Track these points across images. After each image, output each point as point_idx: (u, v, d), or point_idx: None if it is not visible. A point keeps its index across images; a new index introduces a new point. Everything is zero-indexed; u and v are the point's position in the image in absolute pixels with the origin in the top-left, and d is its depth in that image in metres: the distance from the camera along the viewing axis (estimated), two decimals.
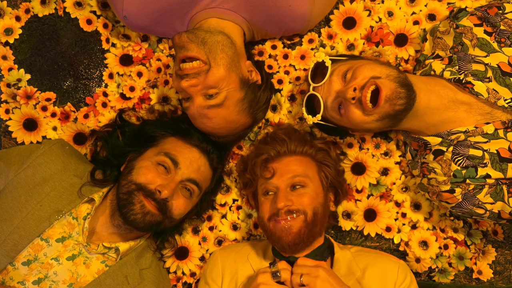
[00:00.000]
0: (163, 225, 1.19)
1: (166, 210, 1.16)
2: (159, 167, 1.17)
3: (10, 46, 1.36)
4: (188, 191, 1.19)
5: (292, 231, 1.14)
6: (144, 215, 1.14)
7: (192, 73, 1.12)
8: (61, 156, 1.23)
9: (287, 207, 1.15)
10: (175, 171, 1.17)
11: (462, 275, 1.35)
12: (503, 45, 1.13)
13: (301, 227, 1.14)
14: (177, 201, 1.17)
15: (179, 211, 1.18)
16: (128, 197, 1.14)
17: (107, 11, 1.37)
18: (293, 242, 1.14)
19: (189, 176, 1.18)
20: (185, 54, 1.12)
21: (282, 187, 1.17)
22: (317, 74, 1.21)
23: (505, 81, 1.11)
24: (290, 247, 1.15)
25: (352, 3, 1.33)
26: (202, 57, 1.12)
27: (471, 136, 1.13)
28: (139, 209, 1.13)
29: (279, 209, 1.15)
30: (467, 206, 1.16)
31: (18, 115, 1.35)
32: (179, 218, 1.20)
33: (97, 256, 1.16)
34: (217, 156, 1.26)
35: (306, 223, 1.15)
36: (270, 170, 1.20)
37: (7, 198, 1.16)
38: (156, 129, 1.26)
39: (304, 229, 1.15)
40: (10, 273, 1.11)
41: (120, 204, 1.15)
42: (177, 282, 1.36)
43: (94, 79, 1.39)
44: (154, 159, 1.18)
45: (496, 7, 1.15)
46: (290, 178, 1.18)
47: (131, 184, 1.15)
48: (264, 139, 1.30)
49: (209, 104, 1.15)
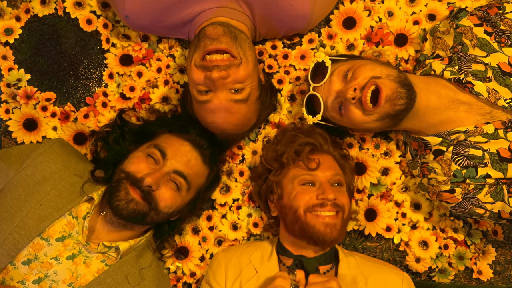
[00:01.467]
0: (150, 217, 1.17)
1: (152, 200, 1.15)
2: (149, 158, 1.17)
3: (10, 46, 1.36)
4: (175, 184, 1.18)
5: (337, 227, 1.15)
6: (128, 202, 1.13)
7: (223, 65, 1.10)
8: (61, 155, 1.23)
9: (335, 200, 1.15)
10: (163, 162, 1.17)
11: (462, 275, 1.35)
12: (503, 45, 1.13)
13: (342, 224, 1.17)
14: (164, 192, 1.16)
15: (165, 203, 1.17)
16: (116, 185, 1.15)
17: (107, 11, 1.37)
18: (336, 238, 1.15)
19: (176, 168, 1.17)
20: (217, 46, 1.10)
21: (325, 181, 1.18)
22: (317, 74, 1.21)
23: (505, 81, 1.11)
24: (332, 242, 1.16)
25: (352, 3, 1.33)
26: (234, 51, 1.11)
27: (471, 136, 1.13)
28: (123, 195, 1.13)
29: (328, 200, 1.15)
30: (467, 206, 1.16)
31: (18, 115, 1.35)
32: (166, 212, 1.19)
33: (97, 255, 1.16)
34: (211, 153, 1.25)
35: (343, 221, 1.18)
36: (316, 161, 1.20)
37: (7, 197, 1.15)
38: (155, 127, 1.26)
39: (343, 227, 1.18)
40: (10, 272, 1.11)
41: (109, 192, 1.16)
42: (177, 282, 1.36)
43: (94, 79, 1.39)
44: (145, 151, 1.19)
45: (496, 7, 1.15)
46: (332, 174, 1.20)
47: (121, 172, 1.16)
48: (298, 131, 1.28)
49: (235, 98, 1.14)
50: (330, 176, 1.19)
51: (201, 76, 1.12)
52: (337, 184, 1.20)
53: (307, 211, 1.16)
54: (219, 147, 1.31)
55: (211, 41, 1.10)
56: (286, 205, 1.20)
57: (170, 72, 1.38)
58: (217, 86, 1.12)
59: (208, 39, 1.10)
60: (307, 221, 1.15)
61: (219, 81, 1.10)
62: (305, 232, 1.16)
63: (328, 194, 1.14)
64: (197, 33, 1.16)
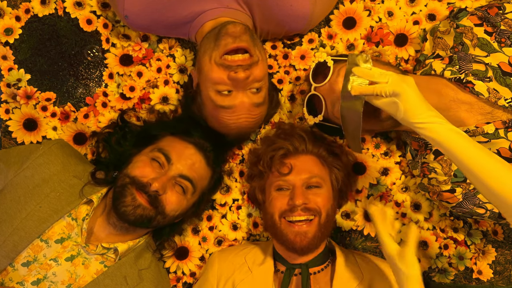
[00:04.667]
0: (156, 221, 1.17)
1: (158, 205, 1.15)
2: (153, 162, 1.17)
3: (10, 46, 1.36)
4: (181, 187, 1.18)
5: (308, 236, 1.14)
6: (135, 208, 1.13)
7: (245, 64, 1.10)
8: (61, 157, 1.23)
9: (305, 204, 1.14)
10: (168, 166, 1.17)
11: (462, 275, 1.35)
12: (503, 45, 1.13)
13: (316, 231, 1.15)
14: (170, 196, 1.16)
15: (171, 206, 1.17)
16: (121, 190, 1.14)
17: (107, 11, 1.36)
18: (307, 246, 1.14)
19: (181, 172, 1.17)
20: (239, 44, 1.10)
21: (298, 185, 1.17)
22: (318, 74, 1.21)
23: (505, 81, 1.11)
24: (303, 251, 1.15)
25: (352, 3, 1.33)
26: (252, 50, 1.11)
27: (472, 136, 1.13)
28: (130, 201, 1.13)
29: (297, 206, 1.14)
30: (468, 205, 1.16)
31: (18, 115, 1.35)
32: (172, 215, 1.19)
33: (96, 257, 1.16)
34: (215, 155, 1.26)
35: (320, 226, 1.15)
36: (288, 166, 1.19)
37: (6, 199, 1.15)
38: (157, 129, 1.26)
39: (318, 232, 1.15)
40: (9, 274, 1.11)
41: (114, 197, 1.15)
42: (177, 282, 1.36)
43: (94, 79, 1.39)
44: (149, 155, 1.18)
45: (496, 7, 1.15)
46: (307, 177, 1.18)
47: (126, 177, 1.15)
48: (279, 133, 1.28)
49: (256, 102, 1.15)
50: (305, 179, 1.18)
51: (223, 75, 1.10)
52: (315, 186, 1.18)
53: (281, 217, 1.16)
54: (222, 149, 1.31)
55: (233, 39, 1.10)
56: (266, 210, 1.22)
57: (170, 72, 1.38)
58: (241, 86, 1.12)
59: (230, 37, 1.10)
60: (281, 228, 1.16)
61: (244, 82, 1.10)
62: (280, 239, 1.17)
63: (295, 200, 1.14)
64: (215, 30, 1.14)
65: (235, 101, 1.14)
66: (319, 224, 1.15)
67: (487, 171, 0.92)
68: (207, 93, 1.15)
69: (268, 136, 1.31)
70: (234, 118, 1.17)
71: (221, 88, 1.12)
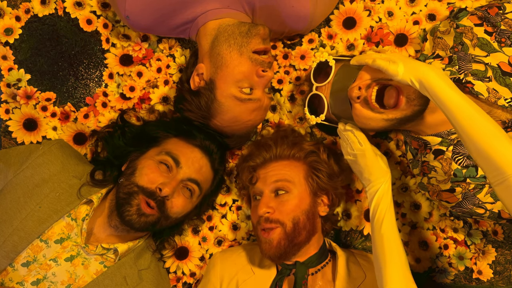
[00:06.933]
0: (160, 224, 1.18)
1: (164, 209, 1.15)
2: (161, 165, 1.17)
3: (10, 46, 1.36)
4: (189, 191, 1.18)
5: (273, 244, 1.14)
6: (140, 216, 1.13)
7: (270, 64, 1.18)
8: (60, 157, 1.23)
9: (267, 214, 1.15)
10: (176, 170, 1.17)
11: (462, 275, 1.35)
12: (503, 45, 1.13)
13: (280, 239, 1.14)
14: (177, 200, 1.17)
15: (177, 210, 1.17)
16: (128, 198, 1.14)
17: (107, 11, 1.36)
18: (274, 254, 1.15)
19: (190, 175, 1.18)
20: (267, 46, 1.19)
21: (266, 193, 1.18)
22: (319, 74, 1.21)
23: (505, 81, 1.11)
24: (272, 259, 1.16)
25: (352, 3, 1.33)
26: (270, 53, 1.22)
27: None
28: (135, 211, 1.13)
29: (260, 216, 1.16)
30: (467, 205, 1.15)
31: (18, 115, 1.35)
32: (175, 217, 1.19)
33: (96, 257, 1.16)
34: (219, 157, 1.26)
35: (286, 234, 1.15)
36: (257, 175, 1.21)
37: (6, 199, 1.15)
38: (159, 130, 1.25)
39: (284, 240, 1.15)
40: (9, 274, 1.11)
41: (119, 203, 1.15)
42: (177, 282, 1.36)
43: (94, 79, 1.39)
44: (156, 158, 1.18)
45: (496, 7, 1.15)
46: (272, 182, 1.18)
47: (133, 185, 1.15)
48: (255, 144, 1.29)
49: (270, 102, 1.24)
50: (271, 185, 1.18)
51: (253, 70, 1.14)
52: (284, 192, 1.17)
53: (257, 224, 1.18)
54: (225, 150, 1.31)
55: (264, 41, 1.17)
56: None
57: (170, 72, 1.38)
58: (264, 84, 1.17)
59: (262, 39, 1.16)
60: (258, 235, 1.19)
61: (269, 80, 1.18)
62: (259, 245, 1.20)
63: (258, 210, 1.16)
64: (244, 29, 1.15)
65: (257, 99, 1.17)
66: (285, 233, 1.14)
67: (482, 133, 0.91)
68: (226, 88, 1.15)
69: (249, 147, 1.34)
70: (254, 115, 1.19)
71: (245, 85, 1.15)
